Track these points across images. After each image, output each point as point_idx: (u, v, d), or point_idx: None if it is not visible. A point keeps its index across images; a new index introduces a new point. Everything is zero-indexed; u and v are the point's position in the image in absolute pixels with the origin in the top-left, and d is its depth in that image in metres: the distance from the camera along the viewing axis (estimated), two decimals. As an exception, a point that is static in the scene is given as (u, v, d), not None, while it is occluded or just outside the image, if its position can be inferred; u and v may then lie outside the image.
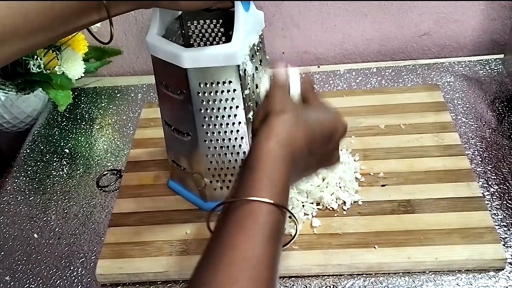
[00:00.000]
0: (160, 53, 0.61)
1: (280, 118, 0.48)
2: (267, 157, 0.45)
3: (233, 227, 0.42)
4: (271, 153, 0.45)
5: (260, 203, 0.43)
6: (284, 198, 0.45)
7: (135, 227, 0.70)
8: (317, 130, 0.50)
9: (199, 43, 0.69)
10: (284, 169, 0.45)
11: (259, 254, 0.41)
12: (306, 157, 0.49)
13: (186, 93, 0.62)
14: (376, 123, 0.80)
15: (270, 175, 0.44)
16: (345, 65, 0.98)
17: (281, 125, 0.47)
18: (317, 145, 0.50)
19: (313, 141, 0.49)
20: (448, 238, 0.63)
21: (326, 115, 0.53)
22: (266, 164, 0.45)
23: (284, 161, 0.46)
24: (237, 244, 0.41)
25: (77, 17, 0.48)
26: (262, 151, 0.46)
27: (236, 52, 0.58)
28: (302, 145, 0.48)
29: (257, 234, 0.42)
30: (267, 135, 0.47)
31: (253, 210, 0.43)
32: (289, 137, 0.47)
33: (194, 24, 0.68)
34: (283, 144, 0.46)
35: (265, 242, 0.42)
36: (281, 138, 0.46)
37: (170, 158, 0.73)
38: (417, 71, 0.93)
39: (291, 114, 0.49)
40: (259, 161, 0.45)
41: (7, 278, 0.68)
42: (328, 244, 0.64)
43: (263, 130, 0.47)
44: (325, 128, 0.51)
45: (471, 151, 0.76)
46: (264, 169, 0.45)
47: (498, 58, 0.93)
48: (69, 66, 0.86)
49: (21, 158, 0.86)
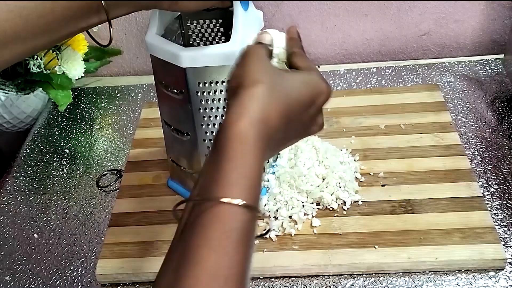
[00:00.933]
0: (159, 53, 0.61)
1: (252, 92, 0.42)
2: (238, 143, 0.40)
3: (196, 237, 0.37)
4: (242, 137, 0.40)
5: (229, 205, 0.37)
6: (256, 194, 0.40)
7: (135, 227, 0.70)
8: (295, 98, 0.45)
9: (199, 42, 0.69)
10: (257, 154, 0.40)
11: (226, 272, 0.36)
12: (283, 131, 0.44)
13: (185, 93, 0.62)
14: (376, 123, 0.80)
15: (240, 167, 0.39)
16: (345, 65, 0.98)
17: (253, 100, 0.42)
18: (296, 115, 0.45)
19: (291, 112, 0.44)
20: (448, 238, 0.63)
21: (306, 79, 0.47)
22: (236, 152, 0.39)
23: (257, 145, 0.40)
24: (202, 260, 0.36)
25: (77, 20, 0.48)
26: (232, 134, 0.40)
27: (234, 51, 0.57)
28: (278, 121, 0.43)
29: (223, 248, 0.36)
30: (238, 113, 0.41)
31: (219, 214, 0.37)
32: (263, 114, 0.41)
33: (194, 23, 0.68)
34: (256, 123, 0.41)
35: (234, 257, 0.36)
36: (254, 116, 0.41)
37: (170, 158, 0.73)
38: (417, 71, 0.93)
39: (266, 86, 0.43)
40: (229, 148, 0.39)
41: (7, 278, 0.68)
42: (328, 244, 0.64)
43: (233, 106, 0.42)
44: (304, 94, 0.46)
45: (471, 151, 0.76)
46: (235, 159, 0.39)
47: (498, 58, 0.93)
48: (69, 66, 0.86)
49: (21, 158, 0.86)
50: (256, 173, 0.40)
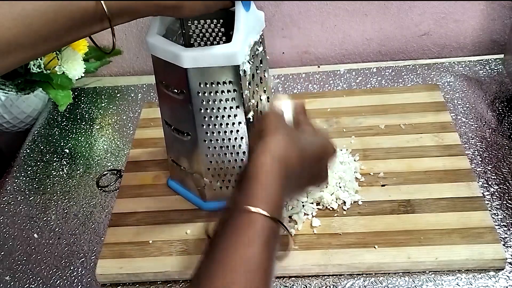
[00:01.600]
0: (160, 53, 0.61)
1: (275, 137, 0.50)
2: (263, 170, 0.47)
3: (230, 234, 0.44)
4: (266, 166, 0.48)
5: (257, 214, 0.44)
6: (279, 211, 0.47)
7: (135, 227, 0.70)
8: (308, 151, 0.53)
9: (200, 43, 0.69)
10: (278, 182, 0.48)
11: (256, 260, 0.42)
12: (298, 175, 0.51)
13: (186, 93, 0.62)
14: (376, 123, 0.81)
15: (266, 187, 0.47)
16: (345, 65, 0.98)
17: (276, 143, 0.50)
18: (308, 165, 0.53)
19: (305, 161, 0.52)
20: (448, 238, 0.63)
21: (317, 138, 0.56)
22: (262, 176, 0.47)
23: (278, 175, 0.48)
24: (235, 250, 0.42)
25: (80, 28, 0.49)
26: (258, 164, 0.48)
27: (236, 52, 0.58)
28: (295, 164, 0.50)
29: (254, 241, 0.43)
30: (263, 150, 0.49)
31: (250, 219, 0.44)
32: (283, 154, 0.49)
33: (195, 24, 0.68)
34: (277, 160, 0.48)
35: (262, 249, 0.43)
36: (276, 154, 0.49)
37: (170, 158, 0.73)
38: (417, 71, 0.93)
39: (285, 135, 0.51)
40: (256, 173, 0.47)
41: (7, 278, 0.68)
42: (328, 244, 0.64)
43: (259, 146, 0.49)
44: (316, 150, 0.54)
45: (471, 151, 0.76)
46: (260, 182, 0.47)
47: (498, 58, 0.93)
48: (69, 66, 0.87)
49: (21, 158, 0.86)
50: (278, 196, 0.47)
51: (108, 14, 0.48)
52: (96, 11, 0.48)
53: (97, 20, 0.48)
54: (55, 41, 0.48)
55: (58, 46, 0.50)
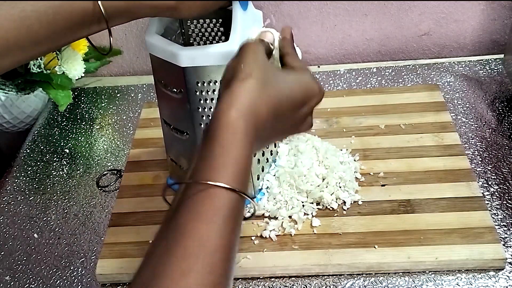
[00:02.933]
0: (158, 52, 0.62)
1: (244, 85, 0.44)
2: (227, 132, 0.42)
3: (187, 212, 0.39)
4: (232, 126, 0.42)
5: (217, 188, 0.40)
6: (244, 178, 0.42)
7: (135, 227, 0.70)
8: (286, 96, 0.47)
9: (199, 42, 0.69)
10: (245, 144, 0.43)
11: (215, 242, 0.38)
12: (271, 125, 0.46)
13: (184, 92, 0.62)
14: (376, 123, 0.81)
15: (229, 153, 0.42)
16: (345, 65, 0.98)
17: (244, 93, 0.44)
18: (286, 113, 0.48)
19: (281, 109, 0.47)
20: (448, 238, 0.63)
21: (299, 79, 0.49)
22: (225, 140, 0.42)
23: (245, 135, 0.43)
24: (192, 231, 0.38)
25: (78, 29, 0.49)
26: (222, 123, 0.42)
27: (233, 51, 0.57)
28: (267, 115, 0.45)
29: (213, 221, 0.39)
30: (229, 104, 0.43)
31: (209, 194, 0.40)
32: (253, 107, 0.44)
33: (194, 23, 0.68)
34: (245, 115, 0.43)
35: (222, 229, 0.39)
36: (244, 108, 0.43)
37: (169, 157, 0.73)
38: (417, 71, 0.93)
39: (257, 80, 0.45)
40: (219, 136, 0.42)
41: (7, 278, 0.68)
42: (328, 244, 0.65)
43: (225, 97, 0.44)
44: (296, 94, 0.48)
45: (471, 151, 0.76)
46: (224, 147, 0.42)
47: (498, 58, 0.93)
48: (69, 66, 0.87)
49: (21, 158, 0.86)
50: (244, 160, 0.42)
51: (105, 15, 0.48)
52: (94, 12, 0.48)
53: (95, 21, 0.48)
54: (54, 42, 0.49)
55: (57, 46, 0.50)
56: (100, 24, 0.49)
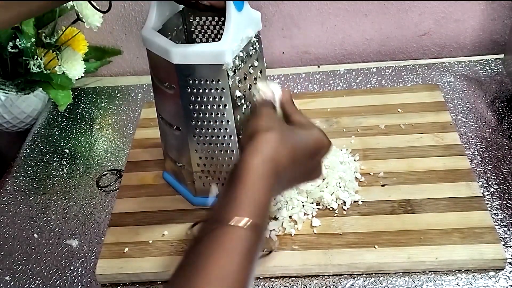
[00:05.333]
0: (153, 47, 0.62)
1: (266, 136, 0.50)
2: (251, 175, 0.47)
3: (210, 245, 0.43)
4: (255, 170, 0.47)
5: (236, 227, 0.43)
6: (263, 217, 0.46)
7: (135, 227, 0.70)
8: (301, 147, 0.52)
9: (201, 39, 0.70)
10: (266, 186, 0.47)
11: (235, 274, 0.41)
12: (290, 173, 0.51)
13: (176, 88, 0.63)
14: (376, 123, 0.81)
15: (251, 193, 0.46)
16: (345, 65, 0.99)
17: (266, 143, 0.49)
18: (301, 162, 0.52)
19: (297, 158, 0.51)
20: (448, 238, 0.63)
21: (311, 133, 0.55)
22: (249, 182, 0.46)
23: (267, 178, 0.47)
24: (214, 262, 0.41)
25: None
26: (246, 168, 0.47)
27: (224, 51, 0.58)
28: (286, 162, 0.50)
29: (234, 255, 0.42)
30: (253, 151, 0.48)
31: (232, 230, 0.43)
32: (274, 154, 0.49)
33: (197, 20, 0.69)
34: (267, 161, 0.48)
35: (242, 262, 0.42)
36: (266, 155, 0.48)
37: (164, 151, 0.74)
38: (417, 71, 0.93)
39: (277, 132, 0.51)
40: (243, 178, 0.47)
41: (7, 278, 0.68)
42: (328, 244, 0.65)
43: (249, 146, 0.49)
44: (309, 146, 0.53)
45: (471, 151, 0.76)
46: (246, 187, 0.46)
47: (498, 58, 0.93)
48: (69, 66, 0.87)
49: (21, 158, 0.87)
50: (264, 201, 0.46)
51: None
52: None
53: None
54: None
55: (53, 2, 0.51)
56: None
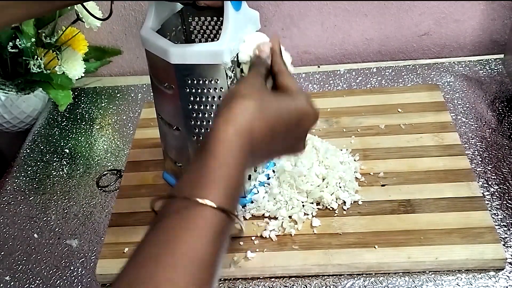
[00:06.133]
0: (151, 47, 0.63)
1: (243, 104, 0.46)
2: (223, 148, 0.43)
3: (176, 225, 0.39)
4: (227, 143, 0.43)
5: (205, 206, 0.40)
6: (234, 196, 0.43)
7: (135, 227, 0.70)
8: (282, 118, 0.48)
9: (200, 39, 0.70)
10: (239, 161, 0.43)
11: (202, 257, 0.38)
12: (266, 145, 0.47)
13: (174, 88, 0.63)
14: (376, 123, 0.81)
15: (222, 169, 0.42)
16: (345, 65, 0.99)
17: (242, 112, 0.45)
18: (281, 134, 0.49)
19: (276, 129, 0.48)
20: (448, 238, 0.63)
21: (295, 102, 0.50)
22: (220, 155, 0.43)
23: (240, 152, 0.44)
24: (181, 243, 0.38)
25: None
26: (218, 139, 0.43)
27: (222, 51, 0.59)
28: (263, 134, 0.46)
29: (202, 236, 0.39)
30: (226, 120, 0.45)
31: (199, 210, 0.40)
32: (250, 125, 0.45)
33: (195, 20, 0.69)
34: (241, 132, 0.44)
35: (210, 245, 0.39)
36: (240, 126, 0.45)
37: (164, 151, 0.74)
38: (417, 71, 0.94)
39: (255, 100, 0.47)
40: (214, 152, 0.43)
41: (7, 278, 0.69)
42: (328, 244, 0.65)
43: (223, 114, 0.45)
44: (291, 117, 0.49)
45: (471, 151, 0.76)
46: (218, 161, 0.42)
47: (498, 58, 0.93)
48: (69, 66, 0.87)
49: (21, 158, 0.87)
50: (235, 177, 0.43)
51: None
52: None
53: None
54: None
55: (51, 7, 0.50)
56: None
